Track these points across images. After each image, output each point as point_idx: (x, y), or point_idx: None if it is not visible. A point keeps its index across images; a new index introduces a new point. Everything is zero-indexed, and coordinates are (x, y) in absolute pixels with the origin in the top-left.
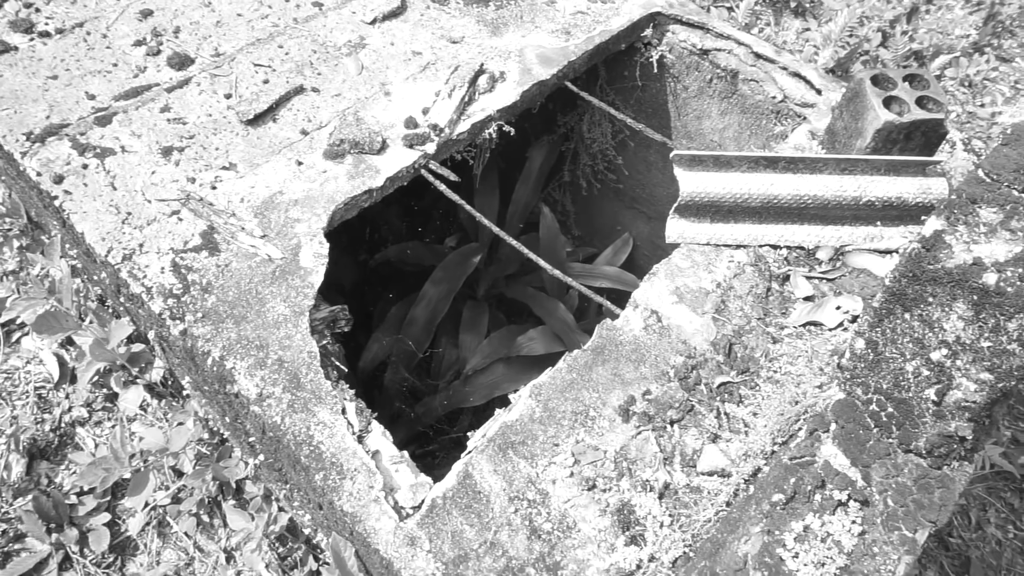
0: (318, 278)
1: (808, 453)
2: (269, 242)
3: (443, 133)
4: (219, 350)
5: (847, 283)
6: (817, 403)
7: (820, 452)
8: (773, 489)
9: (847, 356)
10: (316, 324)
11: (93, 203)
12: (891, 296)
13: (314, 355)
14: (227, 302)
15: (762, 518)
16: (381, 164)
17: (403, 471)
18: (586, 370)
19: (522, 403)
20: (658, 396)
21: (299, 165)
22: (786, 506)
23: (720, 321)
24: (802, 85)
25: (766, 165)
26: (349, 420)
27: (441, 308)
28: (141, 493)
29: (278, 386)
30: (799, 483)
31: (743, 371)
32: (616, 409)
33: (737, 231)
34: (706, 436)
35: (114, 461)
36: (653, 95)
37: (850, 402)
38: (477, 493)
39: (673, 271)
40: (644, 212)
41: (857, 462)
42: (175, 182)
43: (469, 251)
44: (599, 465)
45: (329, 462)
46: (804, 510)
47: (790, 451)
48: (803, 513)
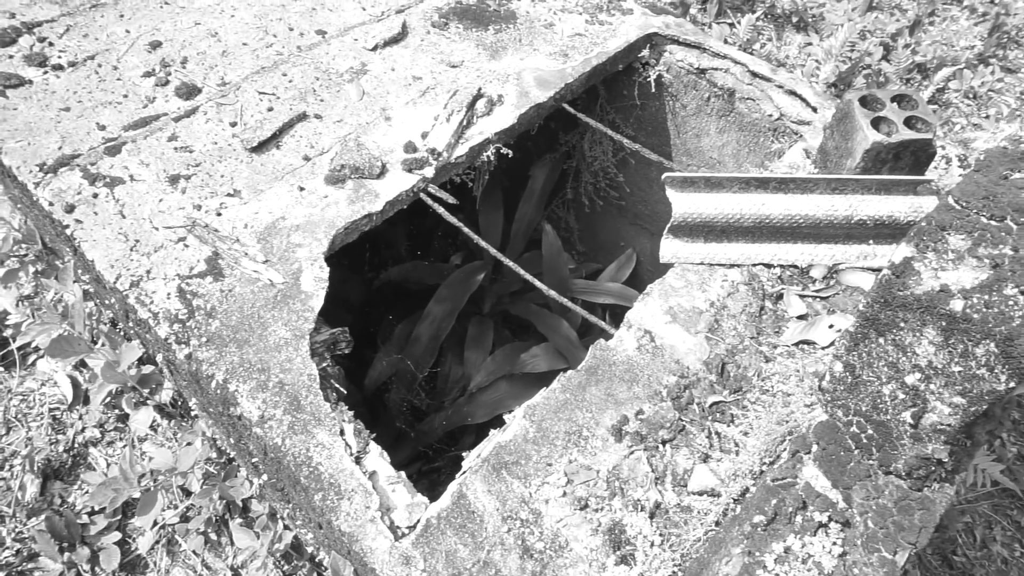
0: (318, 302)
1: (790, 475)
2: (271, 267)
3: (441, 157)
4: (222, 373)
5: (840, 301)
6: (801, 424)
7: (802, 473)
8: (755, 510)
9: (827, 378)
10: (316, 347)
11: (103, 231)
12: (865, 321)
13: (314, 378)
14: (230, 326)
15: (743, 539)
16: (381, 188)
17: (400, 491)
18: (579, 390)
19: (516, 423)
20: (650, 416)
21: (301, 191)
22: (767, 527)
23: (713, 340)
24: (798, 103)
25: (757, 185)
26: (347, 441)
27: (445, 326)
28: (149, 512)
29: (279, 408)
30: (780, 504)
31: (735, 390)
32: (609, 429)
33: (730, 250)
34: (697, 456)
35: (123, 482)
36: (652, 113)
37: (831, 424)
38: (471, 513)
39: (667, 291)
40: (647, 228)
41: (838, 484)
42: (181, 209)
43: (473, 269)
44: (591, 485)
45: (327, 483)
46: (785, 531)
47: (773, 471)
48: (784, 534)
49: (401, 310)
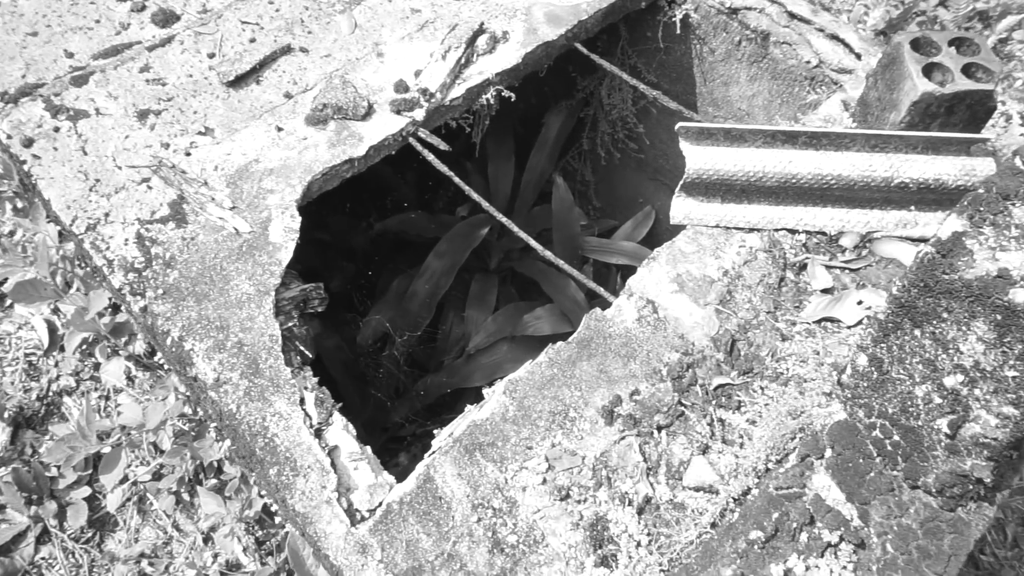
0: (287, 254)
1: (796, 483)
2: (238, 214)
3: (434, 98)
4: (178, 330)
5: (872, 275)
6: (815, 421)
7: (811, 482)
8: (753, 524)
9: (848, 372)
10: (283, 304)
11: (62, 168)
12: (899, 308)
13: (275, 339)
14: (190, 278)
15: (736, 558)
16: (365, 131)
17: (363, 470)
18: (569, 365)
19: (494, 400)
20: (647, 397)
21: (279, 131)
22: (765, 545)
23: (724, 314)
24: (840, 49)
25: (784, 140)
26: (307, 411)
27: (444, 283)
28: (113, 471)
29: (236, 371)
30: (783, 519)
31: (745, 372)
32: (599, 410)
33: (750, 213)
34: (695, 446)
35: (80, 439)
36: (677, 58)
37: (850, 425)
38: (438, 499)
39: (676, 256)
40: (667, 184)
41: (854, 497)
42: (148, 147)
43: (477, 222)
44: (575, 472)
45: (283, 456)
46: (787, 550)
47: (777, 478)
48: (785, 554)
49: (404, 262)
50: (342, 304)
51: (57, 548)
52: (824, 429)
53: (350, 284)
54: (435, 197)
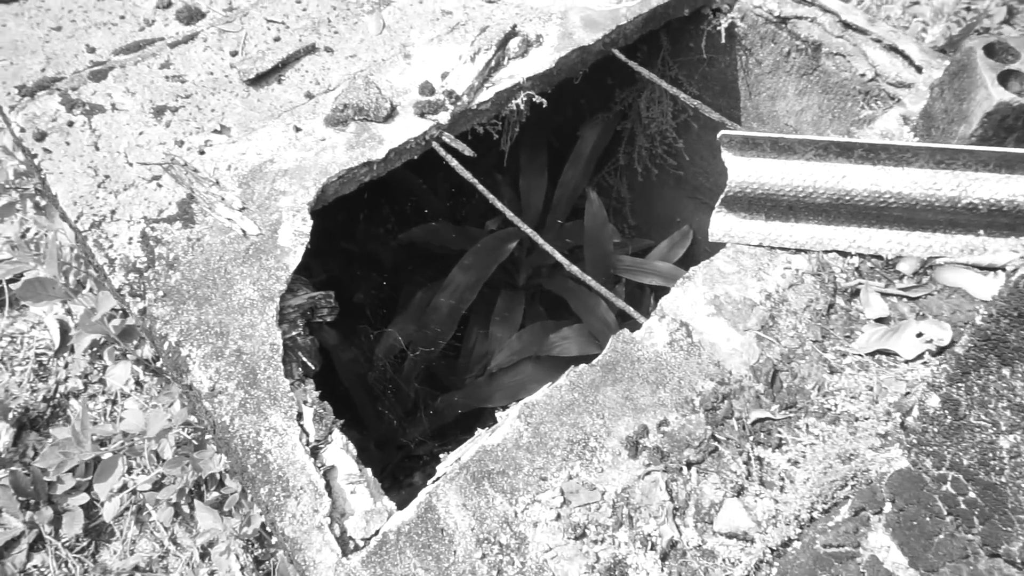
0: (295, 259)
1: (849, 541)
2: (248, 215)
3: (460, 101)
4: (176, 334)
5: (934, 305)
6: (871, 467)
7: (866, 541)
8: None
9: (915, 414)
10: (289, 312)
11: (72, 163)
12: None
13: (276, 348)
14: (192, 281)
15: None
16: (386, 134)
17: (360, 494)
18: (591, 390)
19: (508, 424)
20: (676, 429)
21: (297, 131)
22: None
23: (766, 341)
24: (898, 61)
25: (838, 153)
26: (304, 427)
27: (468, 297)
28: (107, 480)
29: (232, 381)
30: None
31: (788, 406)
32: (623, 441)
33: (797, 232)
34: (729, 487)
35: (75, 445)
36: (721, 70)
37: (915, 476)
38: (439, 531)
39: (714, 276)
40: (707, 203)
41: (918, 562)
42: (162, 145)
43: (505, 236)
44: (593, 509)
45: (275, 475)
46: None
47: (826, 533)
48: None
49: (428, 274)
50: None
51: (50, 556)
52: (883, 479)
53: (373, 296)
54: (464, 209)
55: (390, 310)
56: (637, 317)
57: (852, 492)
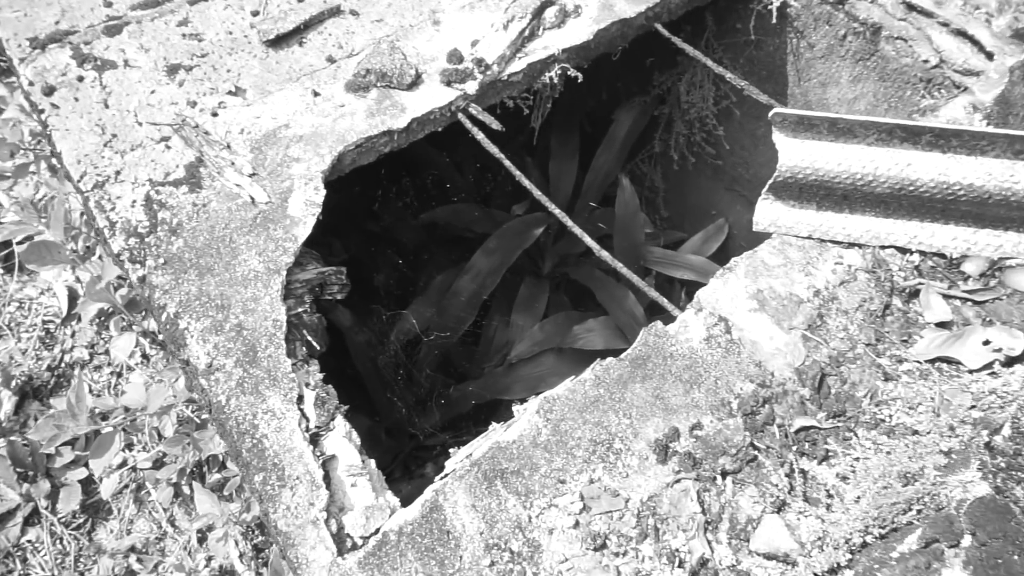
0: (305, 230)
1: None
2: (258, 182)
3: (490, 71)
4: (175, 305)
5: (1003, 310)
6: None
7: None
8: None
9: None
10: (295, 287)
11: (79, 120)
12: None
13: (279, 325)
14: (195, 248)
15: None
16: (409, 102)
17: (362, 487)
18: (619, 386)
19: (525, 419)
20: (711, 434)
21: (315, 96)
22: None
23: (813, 342)
24: (967, 47)
25: (904, 137)
26: (305, 412)
27: (490, 282)
28: (104, 455)
29: (231, 358)
30: None
31: (836, 415)
32: (651, 444)
33: (852, 224)
34: (769, 501)
35: (69, 417)
36: (769, 54)
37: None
38: (444, 533)
39: (757, 268)
40: (745, 196)
41: None
42: (174, 105)
43: (532, 221)
44: (616, 518)
45: (271, 462)
46: None
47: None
48: None
49: (450, 258)
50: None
51: (45, 532)
52: (960, 506)
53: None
54: (490, 191)
55: (409, 293)
56: (671, 309)
57: (920, 519)
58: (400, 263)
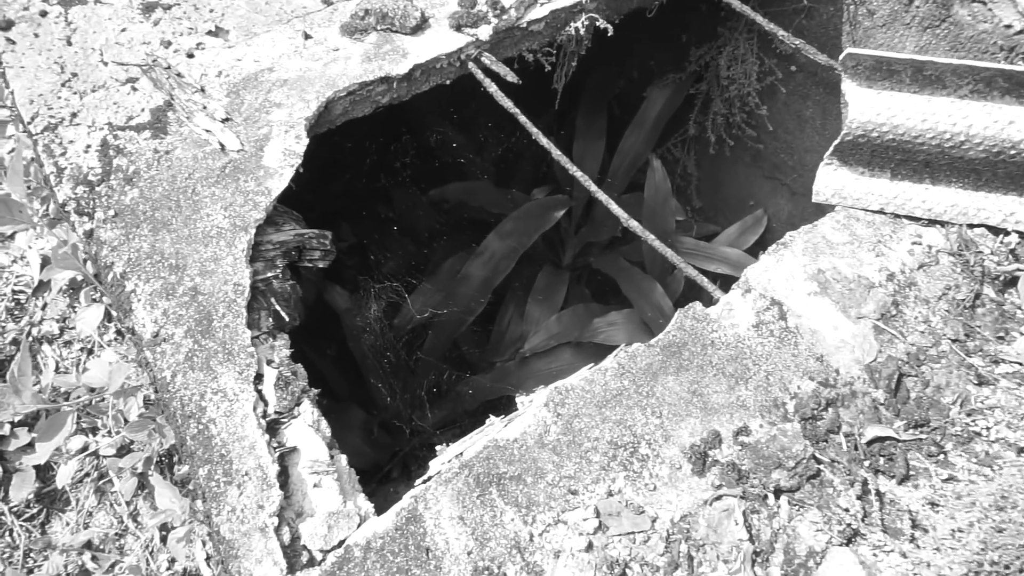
0: (280, 183)
1: None
2: (231, 128)
3: (507, 15)
4: (123, 264)
5: None
6: None
7: None
8: None
9: None
10: (267, 249)
11: (38, 58)
12: None
13: (241, 290)
14: (151, 200)
15: None
16: (412, 47)
17: (327, 488)
18: (647, 378)
19: (531, 414)
20: (761, 441)
21: (307, 39)
22: None
23: (887, 335)
24: None
25: (1007, 89)
26: (263, 394)
27: (503, 267)
28: (53, 438)
29: (181, 326)
30: None
31: (917, 424)
32: (686, 450)
33: (933, 197)
34: (837, 529)
35: (11, 395)
36: (822, 23)
37: None
38: (423, 550)
39: (817, 245)
40: (788, 185)
41: None
42: (145, 45)
43: (552, 203)
44: (639, 541)
45: (217, 453)
46: None
47: None
48: None
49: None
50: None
51: None
52: None
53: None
54: (513, 174)
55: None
56: (712, 290)
57: None
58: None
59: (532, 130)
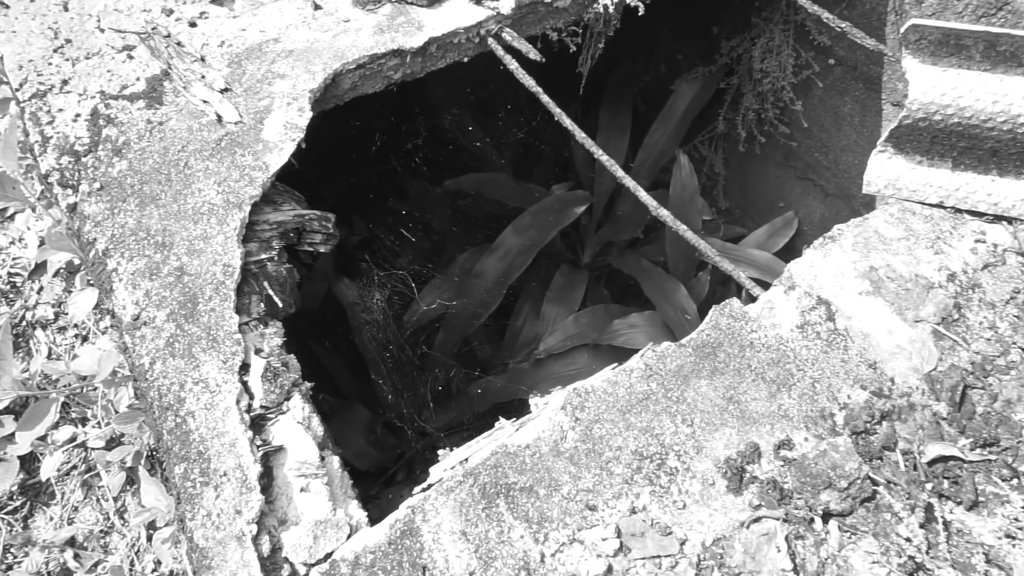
0: (280, 159)
1: None
2: (230, 99)
3: None
4: (106, 240)
5: None
6: None
7: None
8: None
9: None
10: (262, 229)
11: (32, 22)
12: None
13: (231, 271)
14: (140, 173)
15: None
16: (428, 19)
17: (315, 493)
18: (677, 380)
19: (546, 417)
20: (807, 456)
21: (316, 9)
22: None
23: (948, 341)
24: None
25: None
26: (248, 386)
27: (519, 263)
28: (35, 427)
29: (164, 309)
30: None
31: (986, 443)
32: (720, 464)
33: (1001, 190)
34: (896, 562)
35: None
36: (864, 13)
37: None
38: (419, 568)
39: (869, 240)
40: (821, 186)
41: None
42: (146, 12)
43: (573, 199)
44: (666, 566)
45: (195, 449)
46: None
47: None
48: None
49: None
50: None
51: None
52: None
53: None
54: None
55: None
56: (750, 287)
57: None
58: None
59: (555, 110)
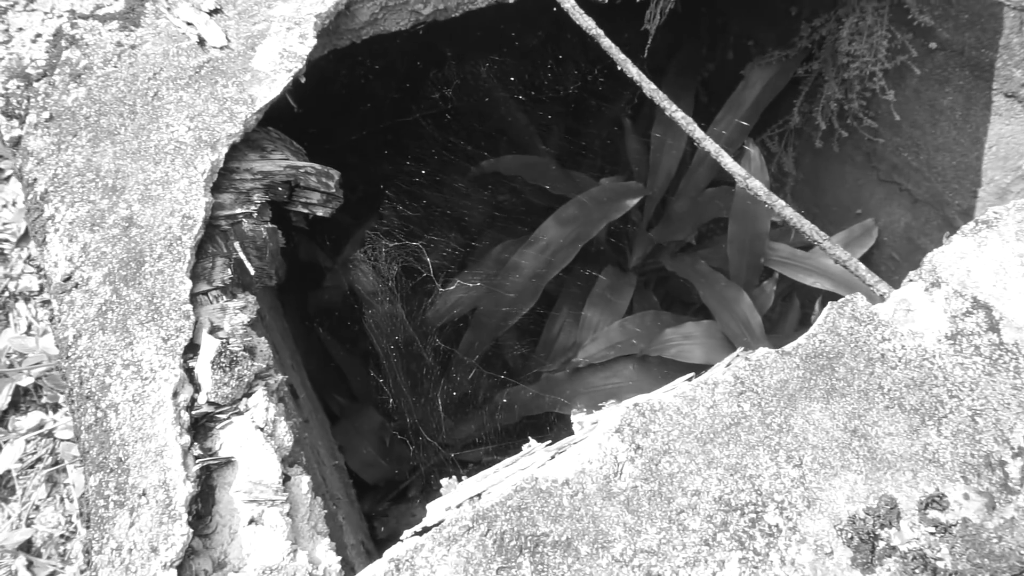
0: (270, 91)
1: None
2: (219, 21)
3: None
4: (47, 181)
5: None
6: None
7: None
8: None
9: None
10: (241, 178)
11: None
12: None
13: (190, 225)
14: (99, 102)
15: None
16: None
17: (269, 526)
18: (780, 401)
19: (594, 443)
20: (970, 520)
21: None
22: None
23: None
24: None
25: None
26: (194, 374)
27: (561, 259)
28: None
29: (101, 268)
30: None
31: None
32: (841, 524)
33: None
34: None
35: None
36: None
37: None
38: None
39: None
40: (909, 191)
41: None
42: None
43: (624, 190)
44: None
45: (114, 456)
46: None
47: None
48: None
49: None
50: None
51: None
52: None
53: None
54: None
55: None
56: (876, 284)
57: None
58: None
59: (618, 56)
